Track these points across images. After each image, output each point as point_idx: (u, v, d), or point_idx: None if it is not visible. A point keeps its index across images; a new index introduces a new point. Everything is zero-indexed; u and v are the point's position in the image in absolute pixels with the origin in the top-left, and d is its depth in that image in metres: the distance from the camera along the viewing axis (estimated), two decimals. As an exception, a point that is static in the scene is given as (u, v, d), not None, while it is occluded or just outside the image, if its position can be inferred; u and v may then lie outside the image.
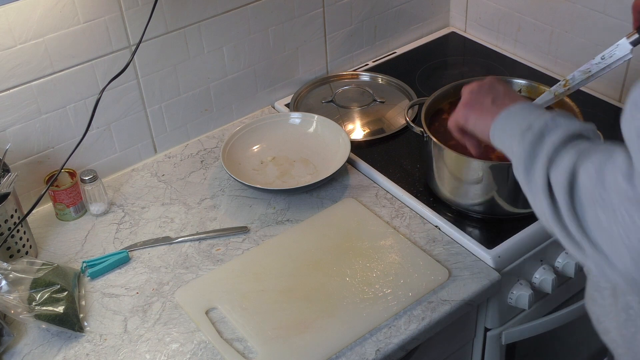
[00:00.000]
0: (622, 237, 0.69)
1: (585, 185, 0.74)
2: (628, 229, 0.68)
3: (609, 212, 0.70)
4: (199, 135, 1.58)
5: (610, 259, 0.71)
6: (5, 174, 1.23)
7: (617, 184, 0.70)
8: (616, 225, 0.69)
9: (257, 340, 1.09)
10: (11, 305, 1.08)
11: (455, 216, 1.31)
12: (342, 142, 1.45)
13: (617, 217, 0.69)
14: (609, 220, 0.70)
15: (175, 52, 1.44)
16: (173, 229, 1.33)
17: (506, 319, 1.32)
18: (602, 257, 0.72)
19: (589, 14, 1.58)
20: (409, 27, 1.86)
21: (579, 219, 0.74)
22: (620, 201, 0.69)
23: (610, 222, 0.70)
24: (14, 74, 1.26)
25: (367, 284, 1.17)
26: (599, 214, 0.71)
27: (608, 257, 0.71)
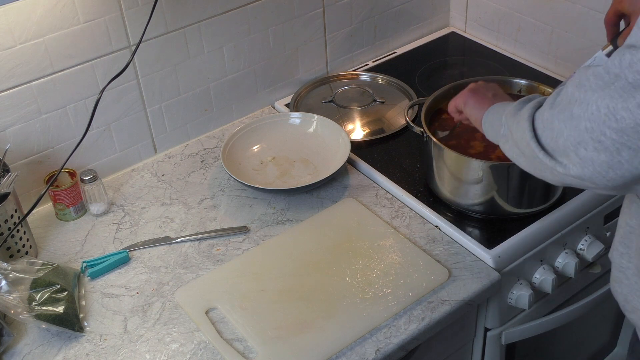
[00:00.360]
0: (586, 125, 0.79)
1: (567, 92, 0.84)
2: (593, 117, 0.78)
3: (583, 106, 0.79)
4: (199, 135, 1.58)
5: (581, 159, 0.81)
6: (5, 174, 1.23)
7: (591, 78, 0.79)
8: (584, 114, 0.79)
9: (257, 340, 1.09)
10: (11, 305, 1.08)
11: (455, 216, 1.31)
12: (342, 142, 1.44)
13: (588, 109, 0.78)
14: (581, 112, 0.80)
15: (175, 52, 1.44)
16: (173, 229, 1.33)
17: (506, 319, 1.32)
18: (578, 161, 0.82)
19: (589, 14, 1.58)
20: (409, 27, 1.86)
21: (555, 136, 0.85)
22: (595, 94, 0.78)
23: (580, 114, 0.80)
24: (14, 74, 1.26)
25: (367, 284, 1.17)
26: (573, 110, 0.81)
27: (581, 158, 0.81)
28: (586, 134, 0.78)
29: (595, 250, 1.34)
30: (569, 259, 1.31)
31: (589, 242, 1.34)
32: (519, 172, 1.22)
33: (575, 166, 0.81)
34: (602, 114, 0.76)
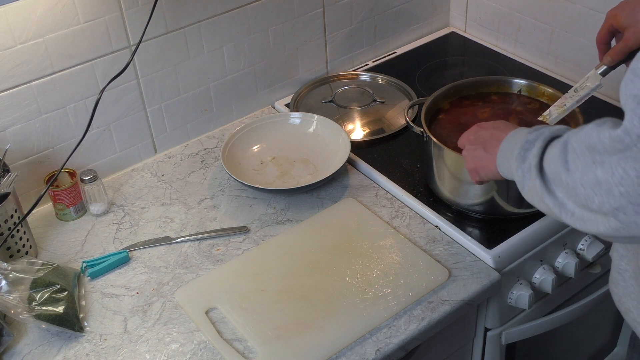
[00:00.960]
0: (620, 190, 0.74)
1: (577, 153, 0.80)
2: (623, 180, 0.74)
3: (607, 169, 0.75)
4: (199, 135, 1.58)
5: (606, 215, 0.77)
6: (5, 174, 1.23)
7: (607, 141, 0.75)
8: (612, 178, 0.75)
9: (257, 340, 1.09)
10: (11, 305, 1.08)
11: (455, 216, 1.31)
12: (342, 142, 1.44)
13: (614, 173, 0.74)
14: (608, 177, 0.75)
15: (175, 52, 1.44)
16: (173, 229, 1.33)
17: (506, 319, 1.32)
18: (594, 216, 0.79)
19: (589, 14, 1.58)
20: (409, 27, 1.86)
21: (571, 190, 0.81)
22: (615, 157, 0.75)
23: (607, 178, 0.75)
24: (14, 74, 1.26)
25: (367, 284, 1.17)
26: (597, 174, 0.76)
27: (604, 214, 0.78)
28: (623, 199, 0.74)
29: (595, 250, 1.34)
30: (569, 259, 1.31)
31: (589, 242, 1.34)
32: (519, 172, 1.22)
33: (616, 226, 0.77)
34: (633, 177, 0.73)
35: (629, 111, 0.73)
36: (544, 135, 0.89)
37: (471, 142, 1.09)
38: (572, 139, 0.81)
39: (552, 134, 0.89)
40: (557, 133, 0.89)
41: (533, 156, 0.89)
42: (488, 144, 1.05)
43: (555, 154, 0.84)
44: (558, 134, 0.89)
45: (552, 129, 0.91)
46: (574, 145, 0.80)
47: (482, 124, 1.10)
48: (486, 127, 1.08)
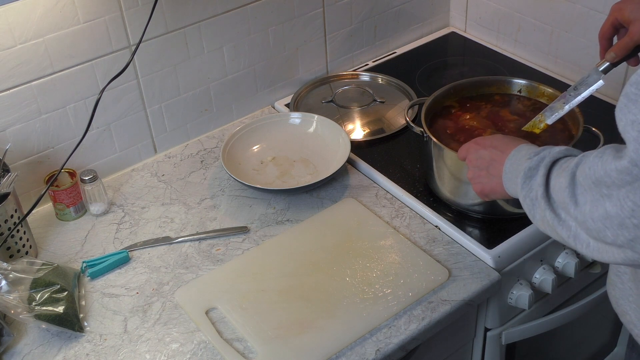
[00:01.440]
0: (633, 222, 0.73)
1: (584, 187, 0.79)
2: (635, 213, 0.72)
3: (615, 203, 0.74)
4: (199, 135, 1.58)
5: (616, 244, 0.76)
6: (5, 174, 1.23)
7: (613, 174, 0.74)
8: (623, 212, 0.73)
9: (257, 340, 1.09)
10: (11, 305, 1.08)
11: (455, 216, 1.31)
12: (342, 142, 1.44)
13: (623, 206, 0.73)
14: (618, 211, 0.74)
15: (175, 52, 1.44)
16: (173, 229, 1.33)
17: (506, 319, 1.32)
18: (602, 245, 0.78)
19: (589, 14, 1.58)
20: (409, 27, 1.86)
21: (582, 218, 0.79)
22: (623, 189, 0.73)
23: (618, 212, 0.74)
24: (14, 74, 1.26)
25: (367, 284, 1.17)
26: (606, 207, 0.75)
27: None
28: (638, 231, 0.73)
29: (595, 250, 1.34)
30: (569, 259, 1.31)
31: (589, 242, 1.34)
32: (519, 172, 1.22)
33: (633, 257, 0.77)
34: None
35: (631, 141, 0.71)
36: (545, 162, 0.89)
37: (473, 163, 1.08)
38: (578, 173, 0.80)
39: (552, 158, 0.89)
40: (557, 156, 0.89)
41: (538, 185, 0.88)
42: (491, 166, 1.04)
43: (562, 186, 0.82)
44: (559, 157, 0.88)
45: (552, 152, 0.90)
46: (580, 180, 0.79)
47: (479, 142, 1.09)
48: (485, 146, 1.07)
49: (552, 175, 0.87)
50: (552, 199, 0.85)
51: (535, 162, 0.90)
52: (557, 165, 0.87)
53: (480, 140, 1.09)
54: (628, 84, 0.73)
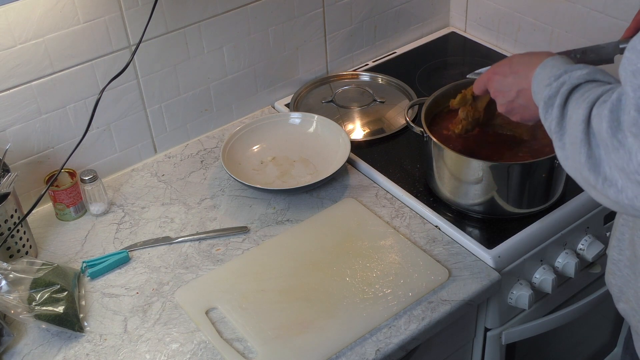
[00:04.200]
0: (637, 178, 0.70)
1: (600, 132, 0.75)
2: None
3: (625, 155, 0.71)
4: (199, 135, 1.58)
5: None
6: (5, 174, 1.23)
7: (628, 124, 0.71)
8: (629, 165, 0.71)
9: (257, 340, 1.09)
10: (11, 305, 1.08)
11: (455, 216, 1.31)
12: (342, 142, 1.44)
13: (632, 158, 0.70)
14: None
15: (175, 52, 1.44)
16: (173, 229, 1.33)
17: (506, 319, 1.32)
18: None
19: (589, 14, 1.58)
20: (409, 27, 1.86)
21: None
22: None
23: (624, 164, 0.71)
24: (14, 74, 1.26)
25: (367, 284, 1.17)
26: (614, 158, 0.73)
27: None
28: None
29: (595, 250, 1.34)
30: (569, 259, 1.31)
31: (589, 242, 1.34)
32: (519, 172, 1.22)
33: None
34: None
35: (637, 88, 0.69)
36: (562, 90, 0.84)
37: (500, 97, 1.03)
38: (594, 113, 0.76)
39: (571, 85, 0.84)
40: (577, 82, 0.83)
41: (553, 118, 0.83)
42: (520, 96, 0.98)
43: (578, 119, 0.78)
44: (579, 82, 0.83)
45: (572, 77, 0.84)
46: (593, 123, 0.76)
47: (498, 70, 1.02)
48: (506, 74, 1.01)
49: (569, 104, 0.82)
50: (565, 129, 0.81)
51: (555, 90, 0.85)
52: (578, 92, 0.83)
53: (498, 69, 1.04)
54: (636, 36, 0.71)
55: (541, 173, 1.24)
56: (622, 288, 1.00)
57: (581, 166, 0.78)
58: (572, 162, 0.80)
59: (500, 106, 1.05)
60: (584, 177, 0.78)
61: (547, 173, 1.24)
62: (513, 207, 1.27)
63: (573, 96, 0.83)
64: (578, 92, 0.83)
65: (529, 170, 1.23)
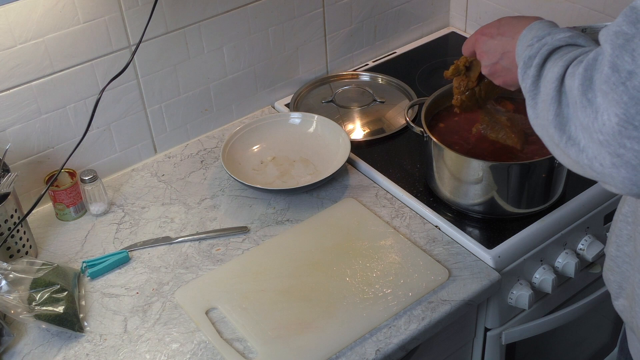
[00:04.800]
0: (599, 137, 0.71)
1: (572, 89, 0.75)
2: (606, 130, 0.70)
3: (591, 114, 0.72)
4: (199, 135, 1.58)
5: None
6: (5, 174, 1.23)
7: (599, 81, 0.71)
8: (594, 124, 0.71)
9: (257, 340, 1.09)
10: (11, 305, 1.08)
11: (455, 216, 1.31)
12: (342, 142, 1.44)
13: (597, 117, 0.71)
14: (589, 122, 0.72)
15: (175, 52, 1.44)
16: (173, 229, 1.33)
17: (506, 319, 1.32)
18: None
19: (589, 14, 1.58)
20: (409, 27, 1.86)
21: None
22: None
23: (589, 123, 0.72)
24: (14, 74, 1.26)
25: (367, 284, 1.17)
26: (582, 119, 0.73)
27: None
28: (602, 148, 0.71)
29: (595, 250, 1.34)
30: (569, 259, 1.31)
31: (589, 242, 1.34)
32: (519, 172, 1.22)
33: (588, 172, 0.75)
34: (615, 124, 0.69)
35: (616, 47, 0.69)
36: (542, 51, 0.84)
37: (485, 57, 1.03)
38: (569, 71, 0.77)
39: (552, 46, 0.84)
40: (558, 44, 0.84)
41: (529, 77, 0.83)
42: (504, 57, 0.98)
43: (552, 78, 0.78)
44: (560, 45, 0.84)
45: (554, 39, 0.85)
46: (567, 81, 0.76)
47: (485, 31, 1.02)
48: (492, 35, 1.01)
49: (547, 64, 0.83)
50: (539, 89, 0.82)
51: (535, 50, 0.86)
52: (557, 53, 0.83)
53: (486, 30, 1.03)
54: (628, 6, 0.71)
55: (541, 173, 1.24)
56: (622, 284, 1.00)
57: (548, 124, 0.78)
58: (541, 120, 0.80)
59: (485, 67, 1.05)
60: (550, 134, 0.78)
61: (547, 173, 1.24)
62: (513, 207, 1.27)
63: (552, 57, 0.83)
64: (557, 53, 0.83)
65: (528, 170, 1.23)
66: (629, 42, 0.69)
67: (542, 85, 0.81)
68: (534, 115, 0.83)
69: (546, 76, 0.81)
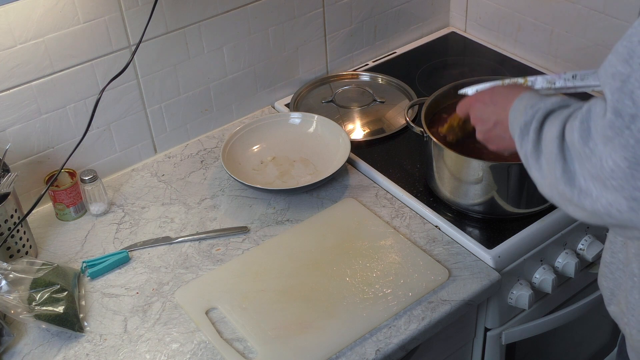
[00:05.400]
0: (612, 183, 0.71)
1: (573, 142, 0.77)
2: (613, 172, 0.71)
3: (596, 163, 0.73)
4: (199, 135, 1.58)
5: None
6: (5, 174, 1.23)
7: (597, 128, 0.73)
8: (602, 172, 0.72)
9: (257, 340, 1.09)
10: (11, 305, 1.08)
11: (455, 216, 1.31)
12: (342, 142, 1.44)
13: (603, 165, 0.72)
14: (596, 169, 0.73)
15: (175, 52, 1.44)
16: (173, 229, 1.33)
17: (506, 319, 1.32)
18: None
19: (589, 14, 1.58)
20: (409, 27, 1.86)
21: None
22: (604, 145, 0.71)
23: (597, 171, 0.73)
24: (14, 74, 1.26)
25: (367, 284, 1.17)
26: (587, 167, 0.74)
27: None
28: (617, 194, 0.71)
29: (595, 250, 1.34)
30: (569, 259, 1.31)
31: (589, 242, 1.34)
32: (519, 172, 1.22)
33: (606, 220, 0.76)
34: (625, 167, 0.70)
35: (614, 91, 0.70)
36: (537, 115, 0.86)
37: (479, 124, 1.06)
38: (567, 126, 0.79)
39: (546, 110, 0.86)
40: (552, 107, 0.86)
41: (529, 141, 0.85)
42: (498, 126, 1.02)
43: (552, 136, 0.80)
44: (553, 108, 0.86)
45: (547, 104, 0.87)
46: (567, 136, 0.78)
47: (480, 98, 1.06)
48: (486, 103, 1.04)
49: (544, 127, 0.85)
50: (541, 151, 0.83)
51: (530, 116, 0.88)
52: (552, 115, 0.85)
53: (480, 97, 1.07)
54: (621, 39, 0.72)
55: (541, 173, 1.24)
56: (614, 291, 1.00)
57: (557, 181, 0.79)
58: (549, 180, 0.82)
59: (479, 133, 1.08)
60: (560, 191, 0.80)
61: (547, 173, 1.24)
62: (513, 207, 1.27)
63: (548, 119, 0.86)
64: (552, 115, 0.86)
65: (529, 170, 1.23)
66: (626, 84, 0.70)
67: (544, 146, 0.83)
68: (541, 177, 0.84)
69: (546, 137, 0.83)
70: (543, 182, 0.84)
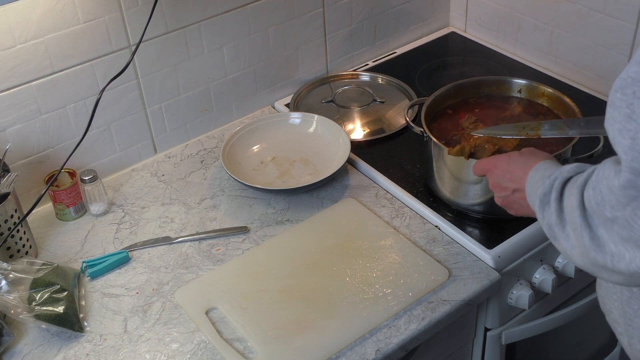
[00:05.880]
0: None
1: (593, 207, 0.77)
2: None
3: (625, 226, 0.72)
4: (199, 135, 1.58)
5: None
6: (5, 174, 1.23)
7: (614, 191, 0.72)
8: (633, 232, 0.71)
9: (257, 340, 1.09)
10: (11, 305, 1.08)
11: (455, 216, 1.31)
12: (342, 142, 1.44)
13: (635, 228, 0.71)
14: (631, 233, 0.72)
15: (175, 52, 1.44)
16: (173, 229, 1.33)
17: (506, 319, 1.32)
18: None
19: (589, 14, 1.58)
20: (409, 27, 1.86)
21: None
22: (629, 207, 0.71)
23: (628, 233, 0.72)
24: (14, 74, 1.26)
25: (367, 284, 1.17)
26: (619, 232, 0.74)
27: None
28: None
29: (595, 250, 1.34)
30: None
31: (589, 242, 1.34)
32: (519, 172, 1.22)
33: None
34: None
35: (627, 150, 0.69)
36: (555, 185, 0.87)
37: (497, 190, 1.07)
38: (585, 194, 0.78)
39: (563, 179, 0.86)
40: (568, 175, 0.86)
41: (551, 212, 0.86)
42: (516, 194, 1.03)
43: (573, 206, 0.80)
44: (569, 176, 0.86)
45: (563, 173, 0.87)
46: (586, 203, 0.78)
47: (498, 164, 1.07)
48: (503, 171, 1.05)
49: (564, 196, 0.85)
50: (565, 221, 0.83)
51: (548, 187, 0.88)
52: (569, 182, 0.85)
53: (499, 162, 1.07)
54: (612, 90, 0.71)
55: (541, 173, 1.24)
56: (605, 299, 1.01)
57: (587, 250, 0.79)
58: (579, 250, 0.81)
59: (498, 199, 1.08)
60: (592, 259, 0.79)
61: (547, 173, 1.24)
62: (513, 207, 1.27)
63: (566, 187, 0.85)
64: (570, 182, 0.85)
65: (529, 170, 1.22)
66: (636, 141, 0.69)
67: (567, 215, 0.83)
68: (570, 246, 0.83)
69: (567, 206, 0.83)
70: (573, 252, 0.83)
